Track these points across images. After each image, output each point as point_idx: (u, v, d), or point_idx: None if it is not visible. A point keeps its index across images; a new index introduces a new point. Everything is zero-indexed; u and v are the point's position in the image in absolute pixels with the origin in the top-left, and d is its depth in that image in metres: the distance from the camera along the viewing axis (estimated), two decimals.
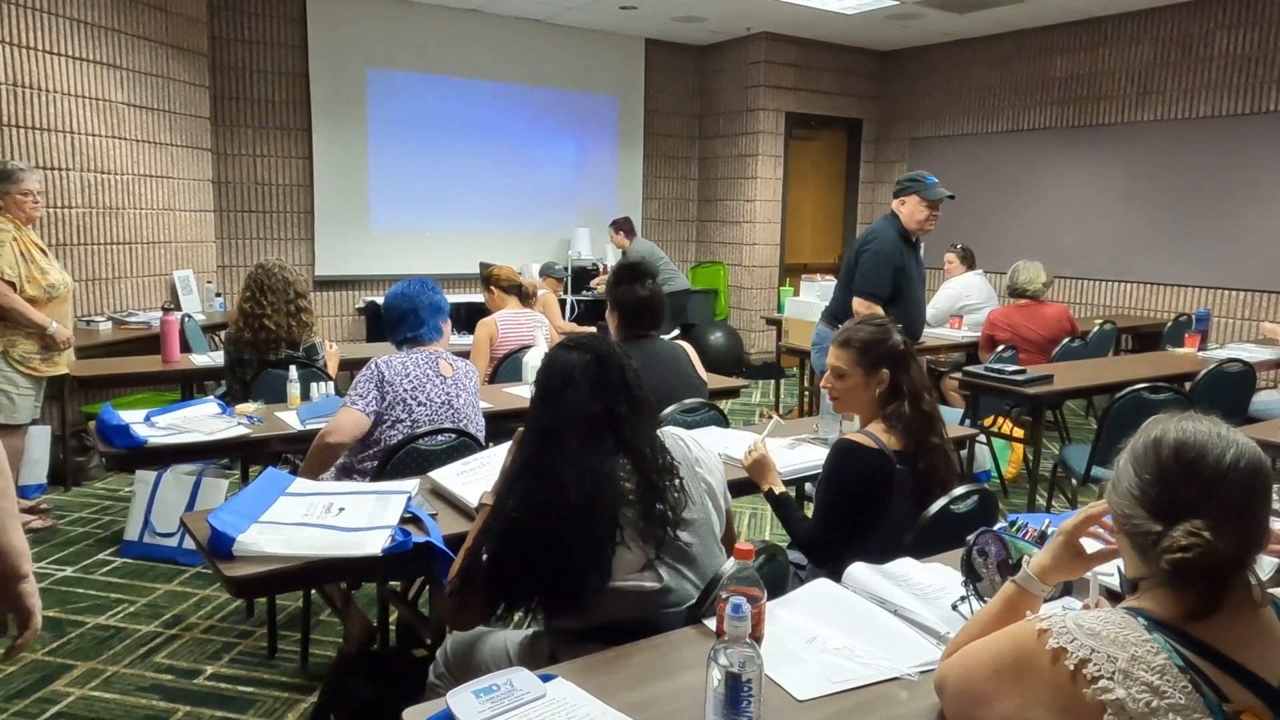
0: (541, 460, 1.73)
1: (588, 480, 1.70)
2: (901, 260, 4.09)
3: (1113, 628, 1.14)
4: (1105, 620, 1.15)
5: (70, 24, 5.04)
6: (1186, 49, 6.91)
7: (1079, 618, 1.17)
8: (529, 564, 1.70)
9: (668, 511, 1.75)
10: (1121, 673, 1.10)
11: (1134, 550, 1.20)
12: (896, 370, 2.31)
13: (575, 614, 1.72)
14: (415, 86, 7.56)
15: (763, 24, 8.11)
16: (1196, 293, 6.96)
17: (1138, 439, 1.22)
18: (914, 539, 2.14)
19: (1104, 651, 1.11)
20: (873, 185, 9.42)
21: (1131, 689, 1.08)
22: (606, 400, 1.78)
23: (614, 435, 1.77)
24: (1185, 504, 1.14)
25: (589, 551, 1.68)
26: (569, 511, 1.67)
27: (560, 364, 1.80)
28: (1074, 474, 3.97)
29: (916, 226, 4.15)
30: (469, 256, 7.68)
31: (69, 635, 3.14)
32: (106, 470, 4.84)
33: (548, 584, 1.70)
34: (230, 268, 6.98)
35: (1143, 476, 1.18)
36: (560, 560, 1.67)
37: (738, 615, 1.27)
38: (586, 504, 1.68)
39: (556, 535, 1.67)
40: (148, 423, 2.97)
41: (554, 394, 1.77)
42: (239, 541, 1.93)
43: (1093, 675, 1.10)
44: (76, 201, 5.18)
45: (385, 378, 2.80)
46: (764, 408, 7.01)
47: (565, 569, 1.68)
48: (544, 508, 1.69)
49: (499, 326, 4.37)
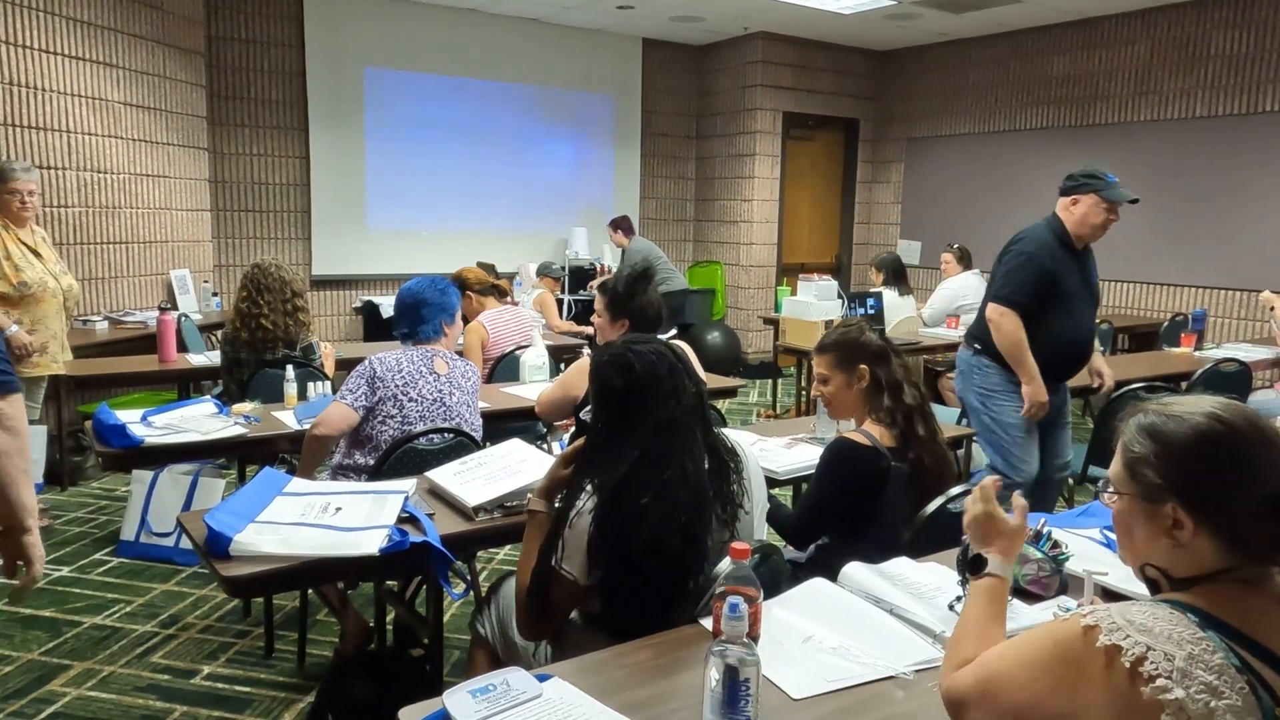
0: (664, 452, 1.71)
1: (701, 468, 1.73)
2: (1054, 265, 3.38)
3: (1164, 624, 1.08)
4: (1154, 615, 1.09)
5: (66, 23, 5.03)
6: (1183, 49, 6.92)
7: (1124, 612, 1.10)
8: (655, 561, 1.68)
9: (732, 497, 1.78)
10: (1180, 671, 1.03)
11: (1218, 540, 1.13)
12: (875, 365, 2.38)
13: (685, 604, 1.72)
14: (412, 86, 7.55)
15: (760, 24, 8.11)
16: (1193, 292, 6.97)
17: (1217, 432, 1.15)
18: (911, 538, 2.15)
19: (1160, 649, 1.05)
20: (870, 185, 9.43)
21: (1190, 689, 1.02)
22: (697, 383, 1.83)
23: (704, 419, 1.81)
24: None
25: (703, 537, 1.71)
26: (694, 499, 1.69)
27: (657, 358, 1.78)
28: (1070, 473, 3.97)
29: (1089, 232, 3.51)
30: (466, 256, 7.64)
31: (65, 635, 3.14)
32: (103, 470, 4.83)
33: (666, 578, 1.70)
34: (227, 267, 6.97)
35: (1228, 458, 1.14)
36: (684, 551, 1.69)
37: (735, 615, 1.27)
38: (702, 490, 1.71)
39: (681, 526, 1.68)
40: (144, 422, 2.97)
41: (667, 389, 1.75)
42: (236, 541, 1.93)
43: (1149, 674, 1.04)
44: (73, 201, 5.17)
45: (376, 374, 2.81)
46: (761, 407, 7.01)
47: (682, 560, 1.69)
48: (670, 499, 1.68)
49: (488, 329, 4.32)
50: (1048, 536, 1.83)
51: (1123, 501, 1.22)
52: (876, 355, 2.39)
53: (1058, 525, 2.11)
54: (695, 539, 1.69)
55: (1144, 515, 1.19)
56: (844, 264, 9.52)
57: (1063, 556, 1.83)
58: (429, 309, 2.98)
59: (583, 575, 1.71)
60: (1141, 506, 1.19)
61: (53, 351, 3.98)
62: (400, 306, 3.00)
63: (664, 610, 1.70)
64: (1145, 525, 1.19)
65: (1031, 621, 1.66)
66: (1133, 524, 1.21)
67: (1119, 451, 1.23)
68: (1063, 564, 1.83)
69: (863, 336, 2.42)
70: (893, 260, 6.32)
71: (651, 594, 1.71)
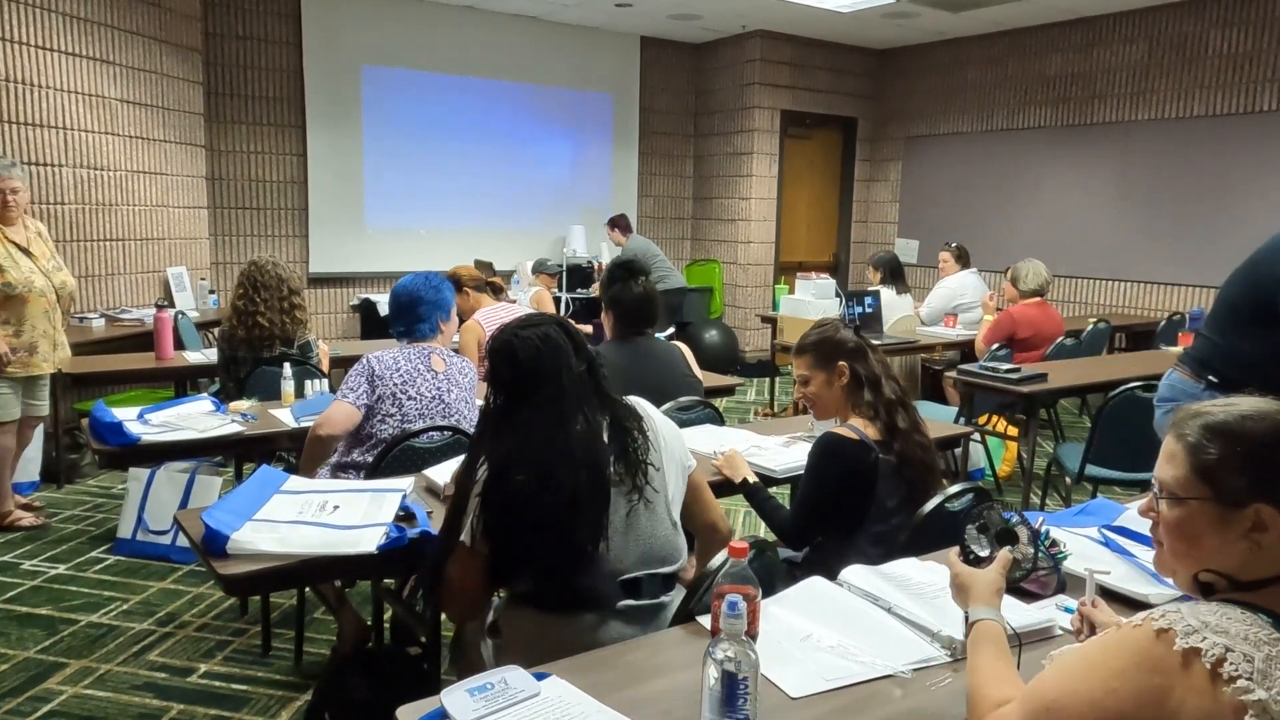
0: (548, 429, 1.75)
1: (589, 444, 1.75)
2: None
3: (1239, 625, 1.05)
4: (1227, 617, 1.07)
5: (64, 19, 5.02)
6: (1181, 48, 6.93)
7: (1197, 612, 1.08)
8: (541, 535, 1.73)
9: (638, 458, 1.81)
10: (1260, 673, 1.01)
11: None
12: (853, 362, 2.40)
13: (582, 575, 1.76)
14: (410, 83, 7.54)
15: (758, 22, 8.11)
16: (1190, 291, 6.98)
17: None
18: (908, 537, 2.15)
19: (1239, 650, 1.03)
20: (867, 184, 9.43)
21: (1272, 689, 1.00)
22: (586, 357, 1.84)
23: (596, 389, 1.83)
24: None
25: (589, 507, 1.74)
26: (587, 470, 1.73)
27: (542, 342, 1.80)
28: (1068, 472, 3.98)
29: None
30: (464, 254, 7.64)
31: (62, 633, 3.13)
32: (99, 468, 4.83)
33: (558, 551, 1.74)
34: (224, 264, 6.96)
35: None
36: (572, 525, 1.72)
37: (734, 613, 1.27)
38: (595, 467, 1.74)
39: (575, 501, 1.71)
40: (141, 420, 2.96)
41: (549, 371, 1.78)
42: (233, 539, 1.92)
43: (1230, 675, 1.01)
44: (69, 198, 5.16)
45: (375, 372, 2.81)
46: (759, 406, 7.01)
47: (575, 533, 1.72)
48: (551, 472, 1.71)
49: (485, 328, 4.29)
50: (1046, 535, 1.83)
51: (1189, 507, 1.17)
52: (854, 351, 2.41)
53: (1056, 524, 2.11)
54: (580, 505, 1.73)
55: (1219, 520, 1.14)
56: (842, 262, 9.52)
57: (1061, 555, 1.83)
58: (425, 306, 2.98)
59: (474, 542, 1.77)
60: (1216, 511, 1.15)
61: (43, 351, 3.91)
62: (396, 304, 2.99)
63: (575, 577, 1.75)
64: (1219, 530, 1.14)
65: (1029, 621, 1.66)
66: (1202, 530, 1.16)
67: (1182, 455, 1.18)
68: (1061, 562, 1.83)
69: (838, 334, 2.44)
70: (890, 259, 6.32)
71: (553, 561, 1.76)
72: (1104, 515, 2.22)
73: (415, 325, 2.97)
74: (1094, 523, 2.15)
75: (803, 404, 2.55)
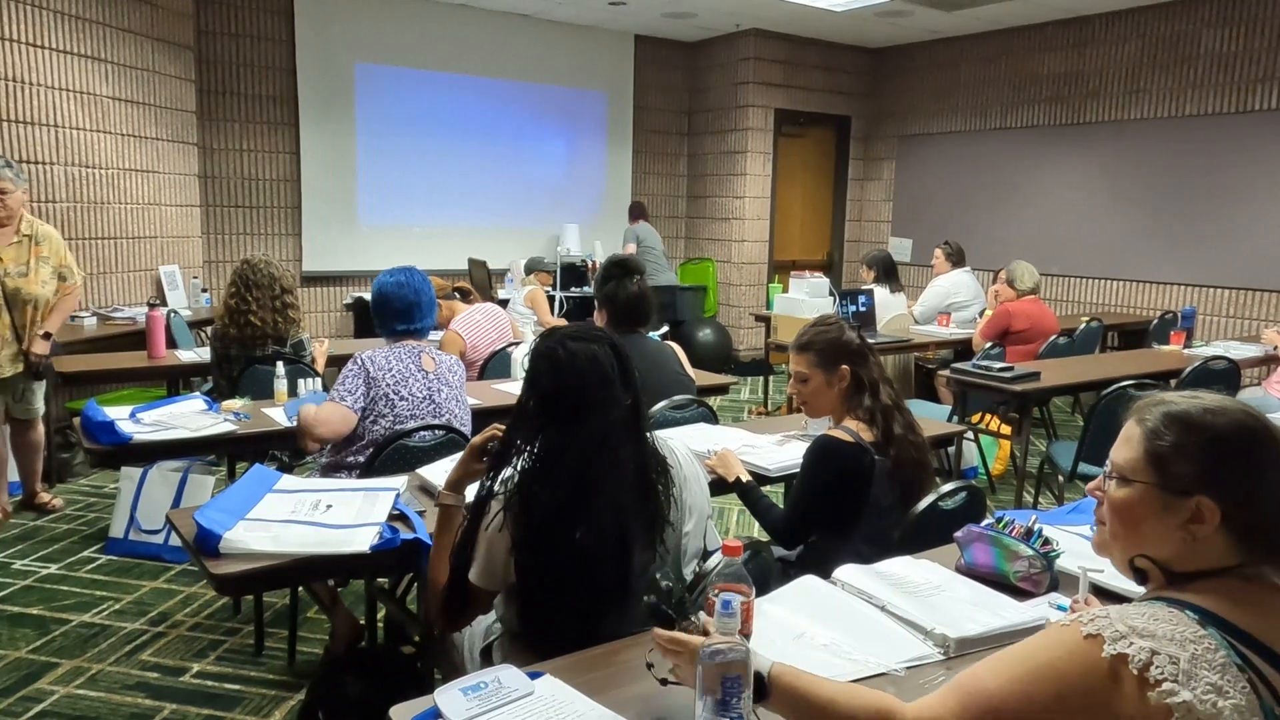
0: (594, 467, 1.64)
1: (624, 489, 1.64)
2: None
3: (1165, 625, 1.06)
4: (1154, 617, 1.07)
5: (55, 17, 4.99)
6: (1173, 48, 6.95)
7: (1125, 616, 1.07)
8: (561, 572, 1.65)
9: (659, 511, 1.71)
10: (1185, 674, 1.02)
11: (1234, 537, 1.12)
12: (855, 364, 2.38)
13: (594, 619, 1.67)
14: (403, 81, 7.52)
15: (752, 20, 8.11)
16: (1183, 290, 7.00)
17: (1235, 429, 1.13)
18: (902, 535, 2.16)
19: (1165, 651, 1.03)
20: (861, 182, 9.44)
21: (1197, 690, 1.01)
22: (633, 392, 1.70)
23: (635, 430, 1.69)
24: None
25: (618, 557, 1.64)
26: (616, 522, 1.63)
27: (588, 356, 1.67)
28: (1060, 470, 3.99)
29: None
30: (457, 252, 7.65)
31: (53, 633, 3.12)
32: (91, 467, 4.81)
33: (580, 591, 1.65)
34: (216, 263, 6.94)
35: (1264, 456, 1.12)
36: (592, 567, 1.63)
37: (727, 611, 1.27)
38: (618, 509, 1.63)
39: (594, 542, 1.62)
40: (133, 419, 2.95)
41: (593, 390, 1.65)
42: (225, 539, 1.91)
43: (1156, 679, 1.02)
44: (61, 196, 5.13)
45: (370, 373, 2.79)
46: (753, 405, 7.02)
47: (597, 576, 1.64)
48: (590, 516, 1.62)
49: (465, 337, 4.27)
50: (1039, 534, 1.84)
51: (1134, 490, 1.18)
52: (857, 354, 2.38)
53: (1049, 522, 2.11)
54: (612, 560, 1.63)
55: (1160, 506, 1.15)
56: (835, 261, 9.53)
57: (1053, 553, 1.83)
58: (426, 304, 2.97)
59: (490, 584, 1.70)
60: (1160, 497, 1.15)
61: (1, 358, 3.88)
62: (397, 304, 2.93)
63: (585, 628, 1.64)
64: (1160, 517, 1.15)
65: (1022, 619, 1.66)
66: (1143, 514, 1.17)
67: (1139, 439, 1.18)
68: (1053, 561, 1.83)
69: (844, 335, 2.40)
70: (884, 257, 6.33)
71: (566, 616, 1.67)
72: None
73: (418, 324, 2.95)
74: (1086, 521, 2.16)
75: (797, 402, 2.54)
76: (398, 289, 2.93)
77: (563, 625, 1.67)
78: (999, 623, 1.65)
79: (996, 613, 1.69)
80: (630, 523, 1.66)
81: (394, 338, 2.96)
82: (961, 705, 1.13)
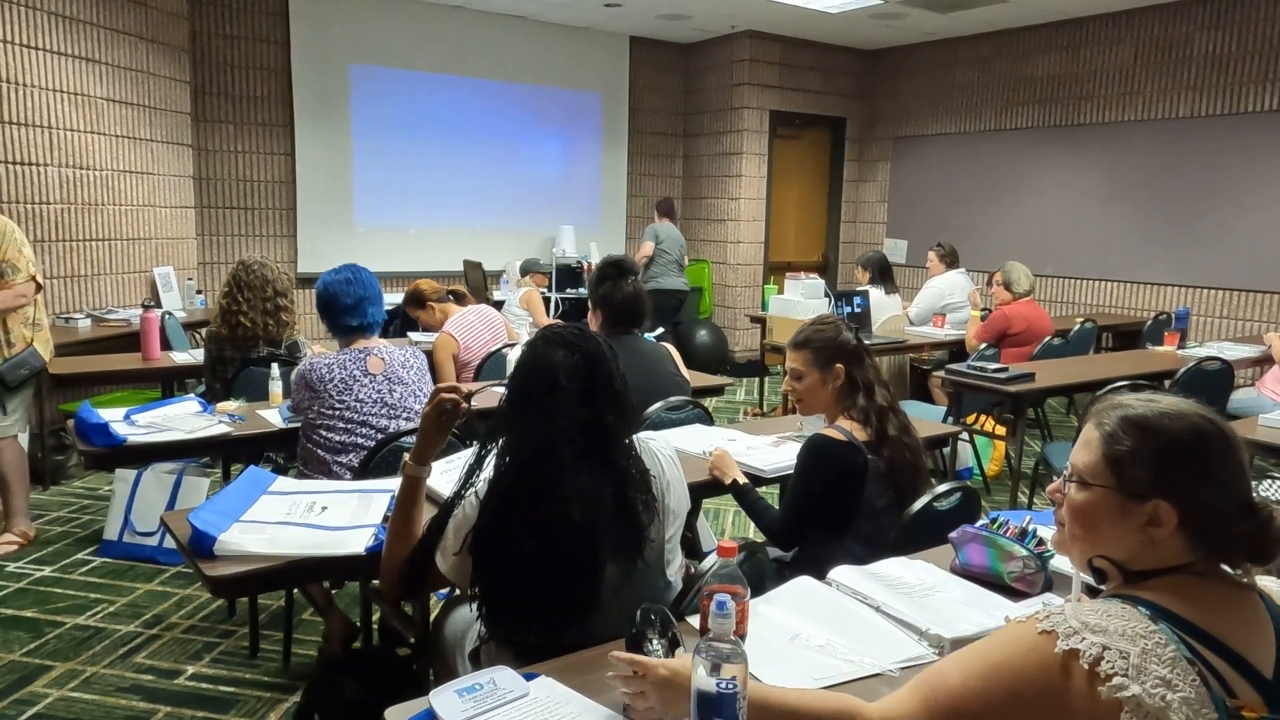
0: (536, 474, 1.62)
1: (585, 501, 1.59)
2: None
3: (1117, 621, 1.09)
4: (1106, 614, 1.10)
5: (49, 18, 4.98)
6: (1167, 50, 6.97)
7: (1079, 612, 1.11)
8: (517, 580, 1.64)
9: (638, 531, 1.68)
10: (1135, 668, 1.04)
11: (1190, 538, 1.14)
12: (850, 365, 2.40)
13: (553, 631, 1.64)
14: (399, 83, 7.52)
15: (747, 22, 8.11)
16: (1176, 291, 7.02)
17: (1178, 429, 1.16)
18: (897, 536, 2.16)
19: (1115, 647, 1.06)
20: (856, 184, 9.46)
21: (1146, 684, 1.03)
22: (596, 408, 1.65)
23: (601, 447, 1.65)
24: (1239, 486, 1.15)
25: (582, 574, 1.62)
26: (567, 533, 1.59)
27: (545, 364, 1.65)
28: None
29: None
30: (453, 254, 7.65)
31: (47, 636, 3.11)
32: (85, 469, 4.80)
33: (537, 602, 1.63)
34: (211, 264, 6.92)
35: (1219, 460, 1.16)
36: (552, 580, 1.61)
37: (722, 612, 1.27)
38: (585, 526, 1.59)
39: (551, 555, 1.59)
40: (127, 421, 2.94)
41: (537, 399, 1.63)
42: (220, 541, 1.91)
43: (1106, 673, 1.05)
44: (54, 198, 5.12)
45: (310, 384, 2.80)
46: (748, 405, 7.02)
47: (557, 589, 1.62)
48: (539, 526, 1.60)
49: (459, 339, 4.26)
50: (1033, 534, 1.84)
51: (1094, 494, 1.20)
52: (852, 355, 2.41)
53: (1044, 523, 2.12)
54: (574, 573, 1.61)
55: (1118, 509, 1.18)
56: (830, 262, 9.54)
57: (1047, 554, 1.83)
58: (375, 299, 2.95)
59: (455, 575, 1.71)
60: (1118, 501, 1.18)
61: None
62: (346, 300, 2.88)
63: (545, 637, 1.63)
64: (1117, 519, 1.18)
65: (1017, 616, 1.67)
66: (1101, 517, 1.19)
67: (1097, 443, 1.20)
68: (1048, 561, 1.84)
69: (840, 335, 2.42)
70: (879, 259, 6.34)
71: (525, 621, 1.66)
72: None
73: (367, 320, 2.92)
74: None
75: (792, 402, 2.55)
76: (345, 285, 2.90)
77: (524, 630, 1.67)
78: (992, 623, 1.65)
79: (990, 613, 1.70)
80: (600, 538, 1.61)
81: (345, 336, 2.92)
82: (923, 702, 1.16)
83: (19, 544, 3.82)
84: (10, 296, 3.69)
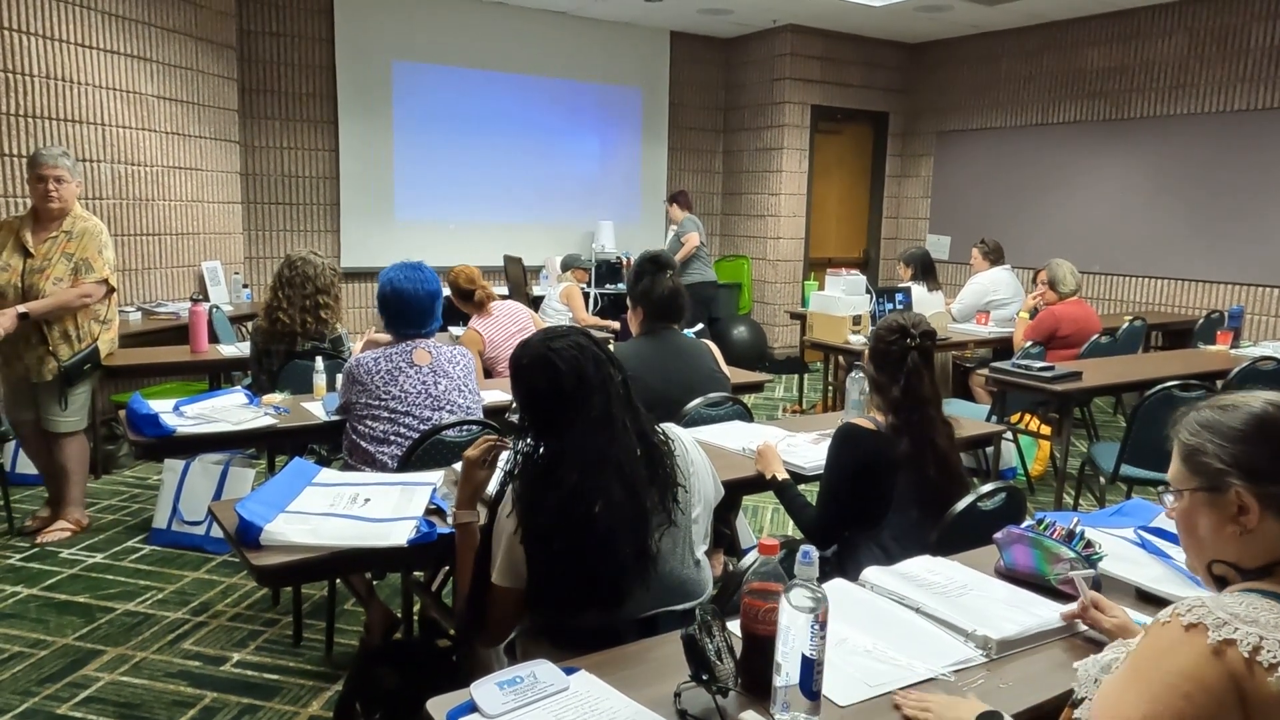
0: (599, 451, 1.68)
1: (634, 458, 1.69)
2: None
3: (1265, 613, 1.07)
4: (1251, 605, 1.08)
5: (102, 17, 5.09)
6: (1222, 41, 6.79)
7: (1223, 604, 1.09)
8: (584, 558, 1.66)
9: (670, 480, 1.75)
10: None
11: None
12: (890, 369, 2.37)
13: (608, 610, 1.68)
14: (440, 79, 7.58)
15: (789, 16, 8.05)
16: (1229, 289, 6.84)
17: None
18: (939, 536, 2.13)
19: (1272, 637, 1.04)
20: (899, 179, 9.35)
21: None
22: (620, 369, 1.78)
23: (631, 403, 1.76)
24: None
25: (635, 529, 1.68)
26: (630, 492, 1.67)
27: (580, 352, 1.72)
28: (1102, 472, 3.92)
29: None
30: (493, 248, 7.69)
31: (99, 621, 3.19)
32: (136, 459, 4.90)
33: (612, 574, 1.67)
34: (257, 259, 7.04)
35: None
36: (610, 543, 1.65)
37: (807, 561, 1.32)
38: (638, 480, 1.69)
39: (604, 520, 1.64)
40: (176, 412, 3.00)
41: (595, 383, 1.70)
42: (266, 531, 1.94)
43: (1270, 663, 1.03)
44: (107, 193, 5.24)
45: (357, 378, 2.81)
46: (787, 403, 6.98)
47: (613, 553, 1.66)
48: (588, 493, 1.65)
49: (484, 334, 4.28)
50: (1081, 536, 1.81)
51: (1185, 500, 1.23)
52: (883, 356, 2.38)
53: (1091, 525, 2.08)
54: (630, 523, 1.67)
55: (1207, 506, 1.20)
56: (872, 258, 9.45)
57: (1096, 556, 1.80)
58: (438, 308, 2.97)
59: (515, 582, 1.72)
60: (1204, 498, 1.21)
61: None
62: (416, 305, 2.90)
63: (609, 610, 1.69)
64: (1209, 517, 1.20)
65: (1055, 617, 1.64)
66: (1196, 519, 1.22)
67: (1176, 451, 1.25)
68: (1096, 564, 1.80)
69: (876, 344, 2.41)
70: (921, 255, 6.26)
71: (590, 594, 1.68)
72: (1140, 516, 2.19)
73: (429, 327, 2.95)
74: (1130, 523, 2.12)
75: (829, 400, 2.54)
76: (414, 294, 2.90)
77: (586, 611, 1.69)
78: (1034, 622, 1.63)
79: (1029, 611, 1.67)
80: (642, 490, 1.69)
81: (400, 339, 2.93)
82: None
83: (72, 531, 3.92)
84: (74, 295, 3.76)
